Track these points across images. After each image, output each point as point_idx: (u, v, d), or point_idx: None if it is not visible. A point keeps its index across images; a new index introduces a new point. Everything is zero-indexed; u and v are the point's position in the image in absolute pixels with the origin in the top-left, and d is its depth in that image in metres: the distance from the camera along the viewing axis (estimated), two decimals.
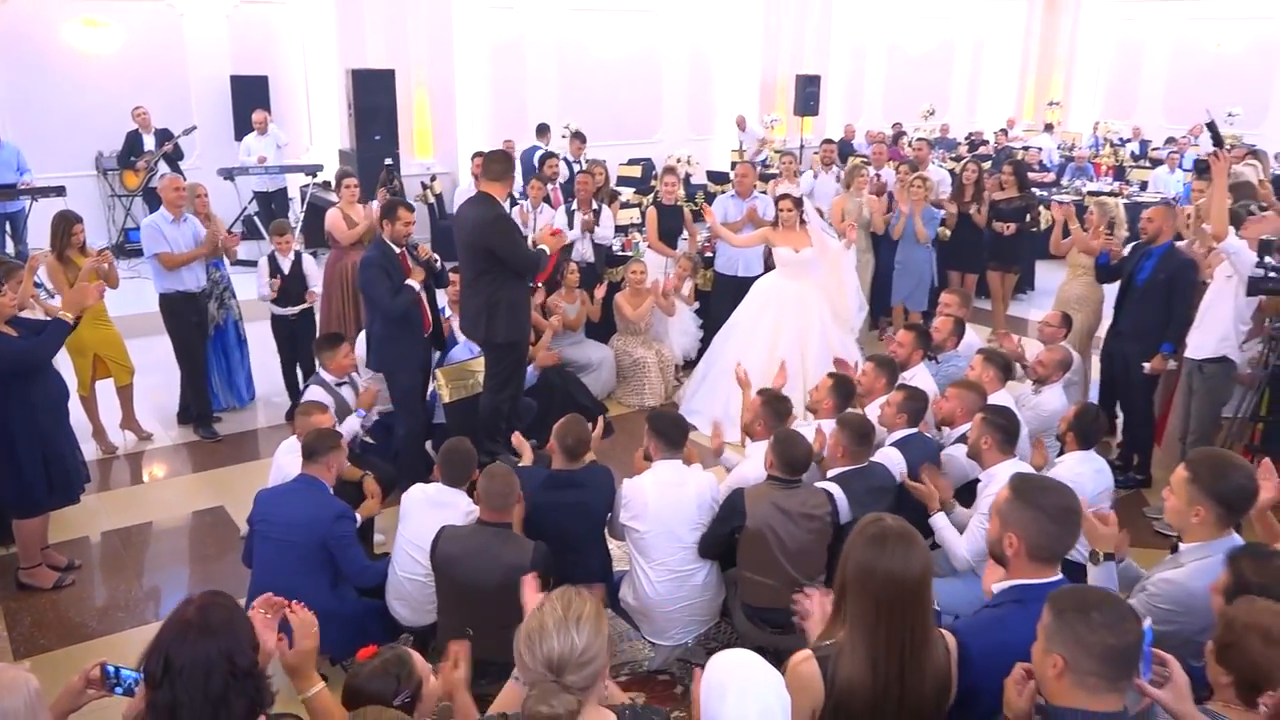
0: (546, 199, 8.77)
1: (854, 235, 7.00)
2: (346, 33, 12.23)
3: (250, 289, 7.35)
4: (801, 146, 15.26)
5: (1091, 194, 12.07)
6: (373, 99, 11.27)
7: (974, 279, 8.83)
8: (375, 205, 8.08)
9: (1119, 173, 13.88)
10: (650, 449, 4.36)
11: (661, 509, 4.16)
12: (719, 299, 8.05)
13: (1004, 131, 16.06)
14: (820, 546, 4.07)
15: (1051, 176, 13.39)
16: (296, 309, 7.12)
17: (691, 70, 15.59)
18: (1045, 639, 2.01)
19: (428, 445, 5.87)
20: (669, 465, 4.28)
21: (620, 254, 8.34)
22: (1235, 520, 2.76)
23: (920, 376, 5.45)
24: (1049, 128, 16.65)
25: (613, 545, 4.50)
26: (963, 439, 4.70)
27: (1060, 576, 2.39)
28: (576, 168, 11.35)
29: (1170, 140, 14.93)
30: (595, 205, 8.05)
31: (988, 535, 2.48)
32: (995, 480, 4.07)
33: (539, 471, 4.43)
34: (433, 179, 12.31)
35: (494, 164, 5.44)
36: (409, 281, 5.52)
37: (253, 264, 10.97)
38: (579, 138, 11.44)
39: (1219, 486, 2.70)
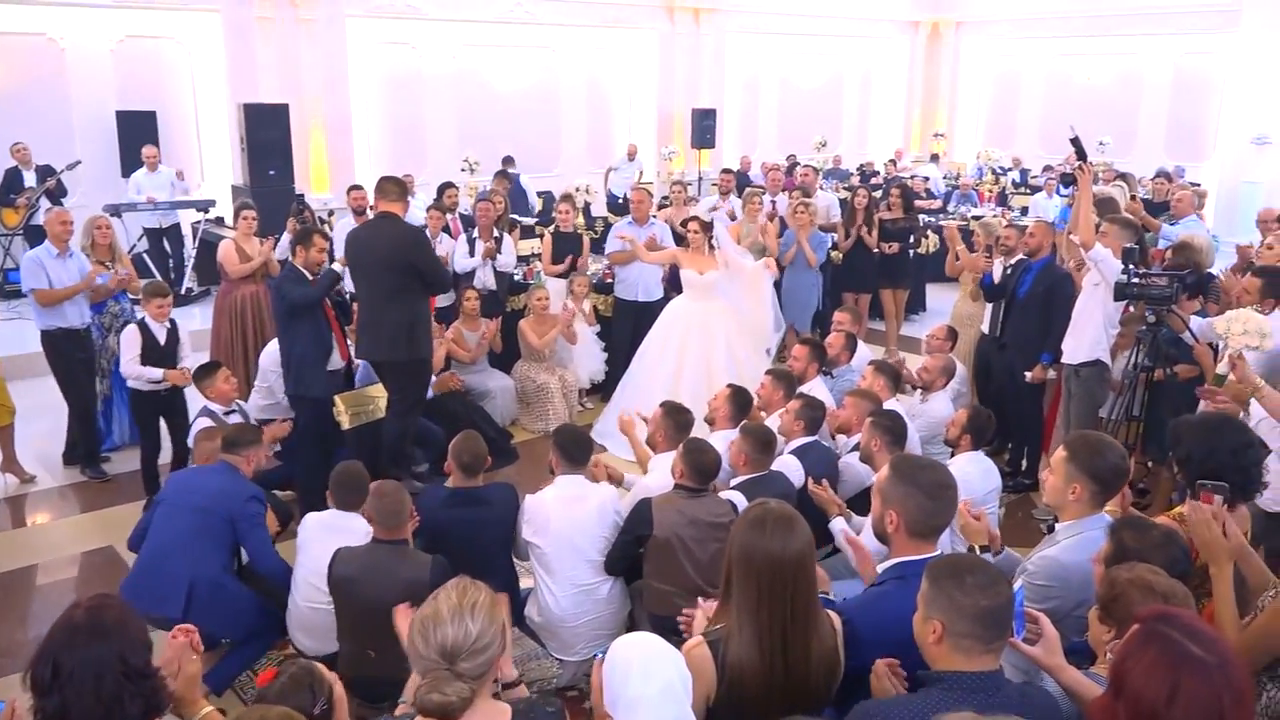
0: (446, 228, 8.76)
1: (774, 267, 7.21)
2: (237, 67, 12.09)
3: None
4: (700, 178, 15.56)
5: (976, 218, 12.59)
6: (266, 134, 11.12)
7: (868, 298, 9.13)
8: (286, 237, 7.97)
9: (1001, 199, 14.50)
10: (553, 463, 4.39)
11: (563, 524, 4.19)
12: (619, 323, 8.14)
13: (893, 162, 16.65)
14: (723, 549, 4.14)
15: (938, 203, 13.92)
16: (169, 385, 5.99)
17: (589, 104, 15.80)
18: (924, 606, 2.11)
19: None
20: (571, 480, 4.31)
21: (522, 282, 8.37)
22: (1107, 497, 2.92)
23: (817, 390, 5.60)
24: (935, 158, 17.34)
25: (518, 565, 4.50)
26: (858, 446, 4.86)
27: (938, 552, 2.50)
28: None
29: (1048, 168, 15.67)
30: (496, 233, 8.07)
31: (871, 516, 2.58)
32: None
33: (439, 489, 4.41)
34: (330, 214, 12.16)
35: (391, 185, 5.45)
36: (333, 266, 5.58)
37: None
38: (503, 174, 11.44)
39: (1094, 464, 2.85)
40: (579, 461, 4.34)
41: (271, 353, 6.13)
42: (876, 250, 8.85)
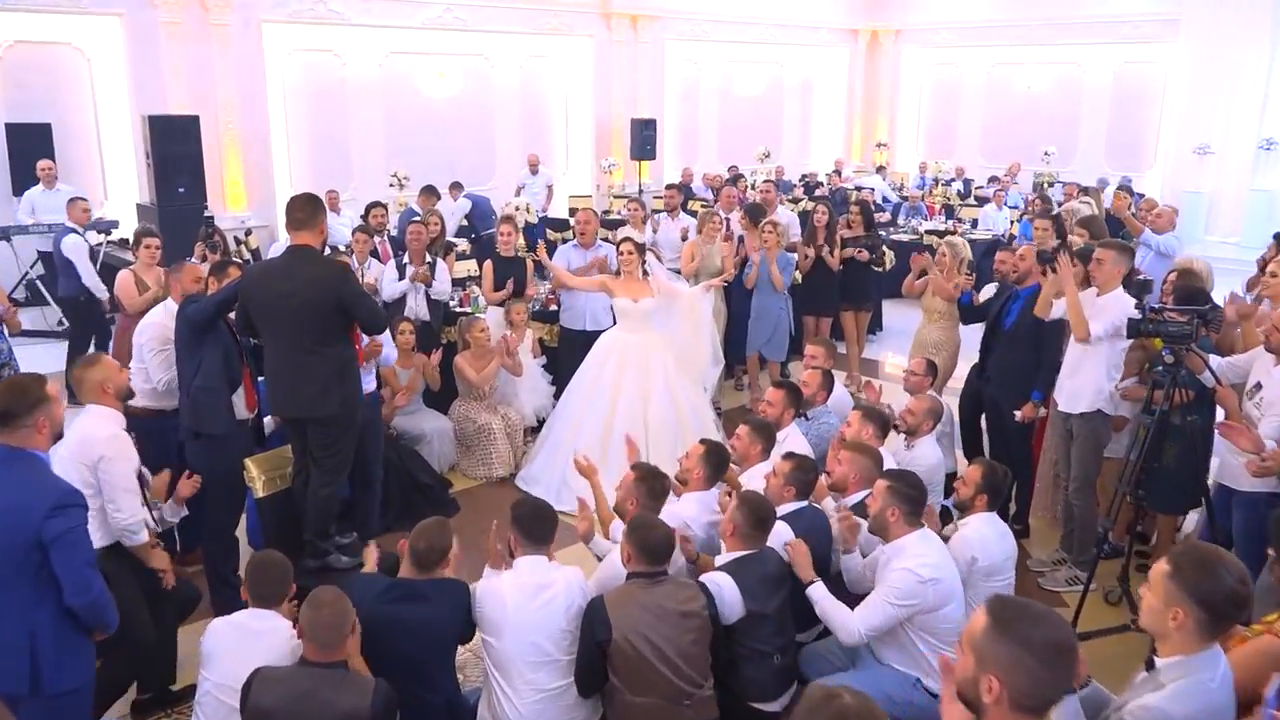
0: (374, 252, 8.02)
1: (718, 281, 6.58)
2: (142, 76, 11.18)
3: (38, 362, 6.28)
4: (641, 190, 14.98)
5: (930, 232, 12.21)
6: (174, 148, 10.25)
7: (829, 322, 8.62)
8: (195, 261, 7.17)
9: (948, 211, 14.17)
10: (512, 543, 3.74)
11: (523, 618, 3.53)
12: (566, 355, 7.49)
13: (837, 173, 16.27)
14: (703, 647, 3.54)
15: (887, 216, 13.50)
16: None
17: (525, 114, 15.11)
18: None
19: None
20: (532, 563, 3.66)
21: (459, 310, 7.67)
22: (1222, 630, 2.36)
23: (793, 437, 5.03)
24: (880, 169, 16.99)
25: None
26: (854, 508, 4.29)
27: None
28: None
29: (994, 179, 15.43)
30: (430, 258, 7.35)
31: (958, 671, 1.97)
32: (903, 554, 3.65)
33: (375, 579, 3.72)
34: (248, 233, 11.26)
35: (297, 210, 4.60)
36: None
37: (42, 334, 9.80)
38: (430, 191, 10.71)
39: (1205, 587, 2.29)
40: (543, 540, 3.70)
41: (151, 323, 5.23)
42: (839, 270, 8.33)
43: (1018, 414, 5.59)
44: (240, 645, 3.36)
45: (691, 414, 6.48)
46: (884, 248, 8.66)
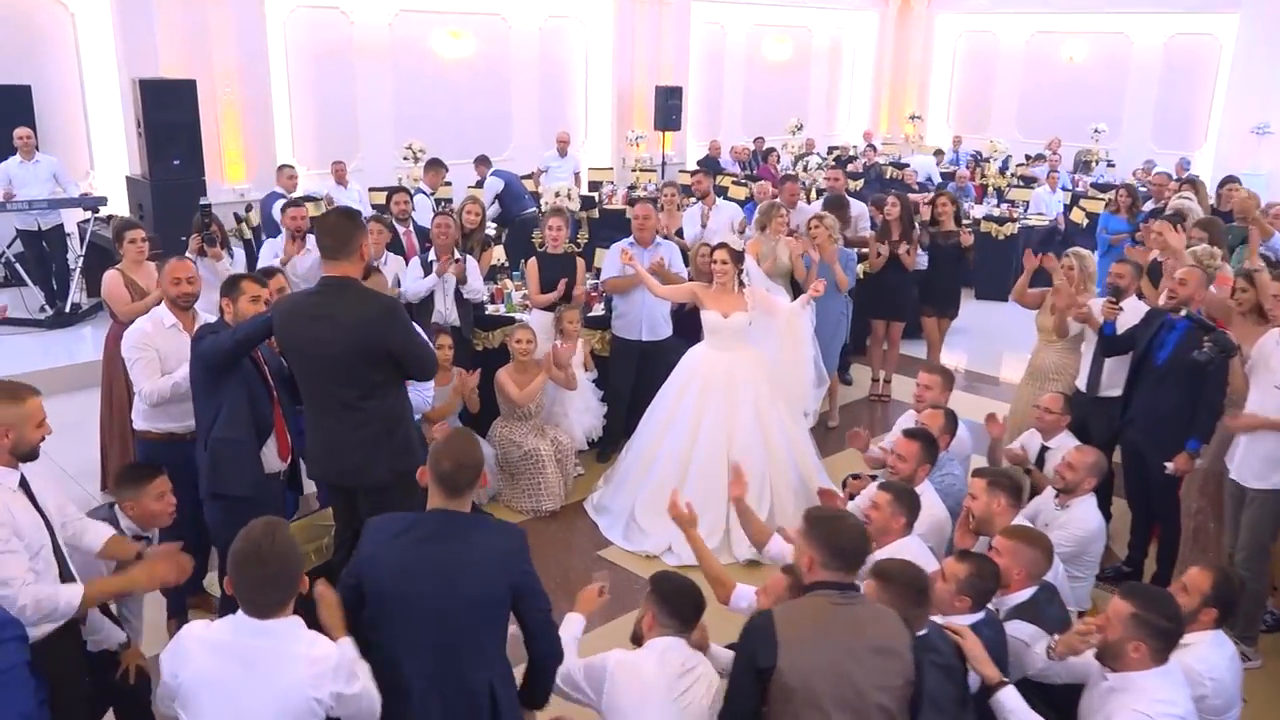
0: (394, 244, 7.10)
1: (820, 286, 5.70)
2: (132, 36, 10.13)
3: (19, 356, 5.41)
4: (664, 164, 14.03)
5: (987, 219, 11.32)
6: (168, 115, 9.26)
7: (900, 327, 7.78)
8: (190, 256, 6.29)
9: (998, 194, 13.24)
10: (646, 622, 3.06)
11: (665, 712, 2.87)
12: (618, 366, 6.64)
13: (872, 148, 15.29)
14: (902, 706, 2.66)
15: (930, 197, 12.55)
16: None
17: (543, 79, 14.08)
18: None
19: None
20: (675, 646, 2.98)
21: (496, 314, 6.79)
22: None
23: (927, 496, 4.21)
24: (939, 153, 15.80)
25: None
26: (1020, 610, 3.48)
27: None
28: (429, 201, 9.73)
29: (1039, 157, 14.50)
30: (458, 255, 6.44)
31: None
32: (1142, 694, 2.84)
33: (394, 516, 2.88)
34: (248, 209, 10.32)
35: (327, 236, 3.66)
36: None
37: (22, 323, 8.87)
38: (437, 165, 9.76)
39: None
40: (688, 623, 3.03)
41: (136, 329, 4.56)
42: (914, 270, 7.47)
43: (1169, 465, 4.76)
44: (237, 683, 2.46)
45: (785, 449, 5.64)
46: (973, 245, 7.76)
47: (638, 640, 3.10)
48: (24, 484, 3.02)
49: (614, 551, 5.57)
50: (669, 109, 14.26)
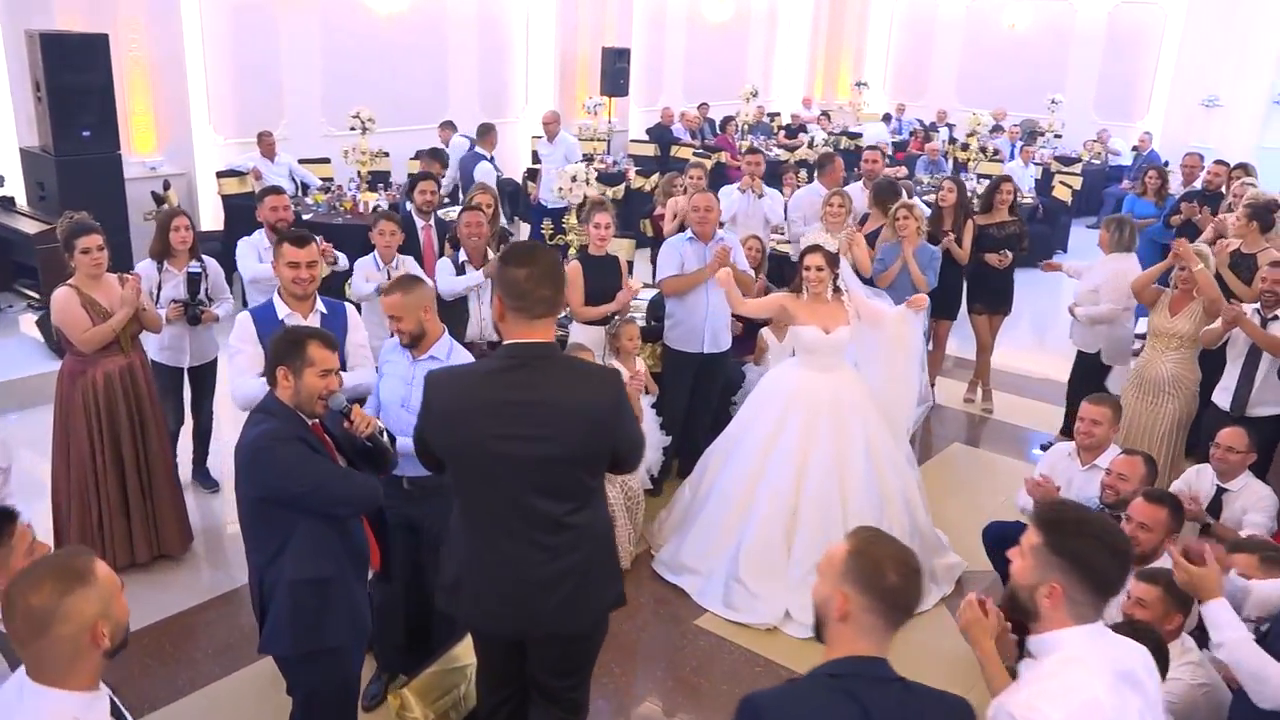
0: (410, 246, 5.93)
1: (924, 300, 4.90)
2: None
3: None
4: (610, 133, 12.98)
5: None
6: (75, 76, 7.78)
7: (948, 326, 7.08)
8: (149, 264, 5.08)
9: (962, 168, 12.70)
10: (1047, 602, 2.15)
11: None
12: (672, 384, 5.70)
13: (826, 115, 14.60)
14: None
15: (903, 171, 11.93)
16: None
17: (482, 40, 12.80)
18: None
19: None
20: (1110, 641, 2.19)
21: None
22: None
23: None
24: (887, 117, 15.26)
25: None
26: None
27: None
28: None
29: (998, 129, 14.08)
30: (490, 255, 5.40)
31: None
32: None
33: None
34: (166, 186, 8.87)
35: (551, 282, 2.60)
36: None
37: None
38: (448, 125, 8.41)
39: None
40: (1113, 587, 2.20)
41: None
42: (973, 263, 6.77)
43: None
44: None
45: (900, 492, 4.83)
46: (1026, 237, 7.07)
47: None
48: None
49: (712, 620, 4.65)
50: (616, 73, 13.17)
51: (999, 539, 4.59)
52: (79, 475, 4.58)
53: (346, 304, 4.32)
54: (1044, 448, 6.67)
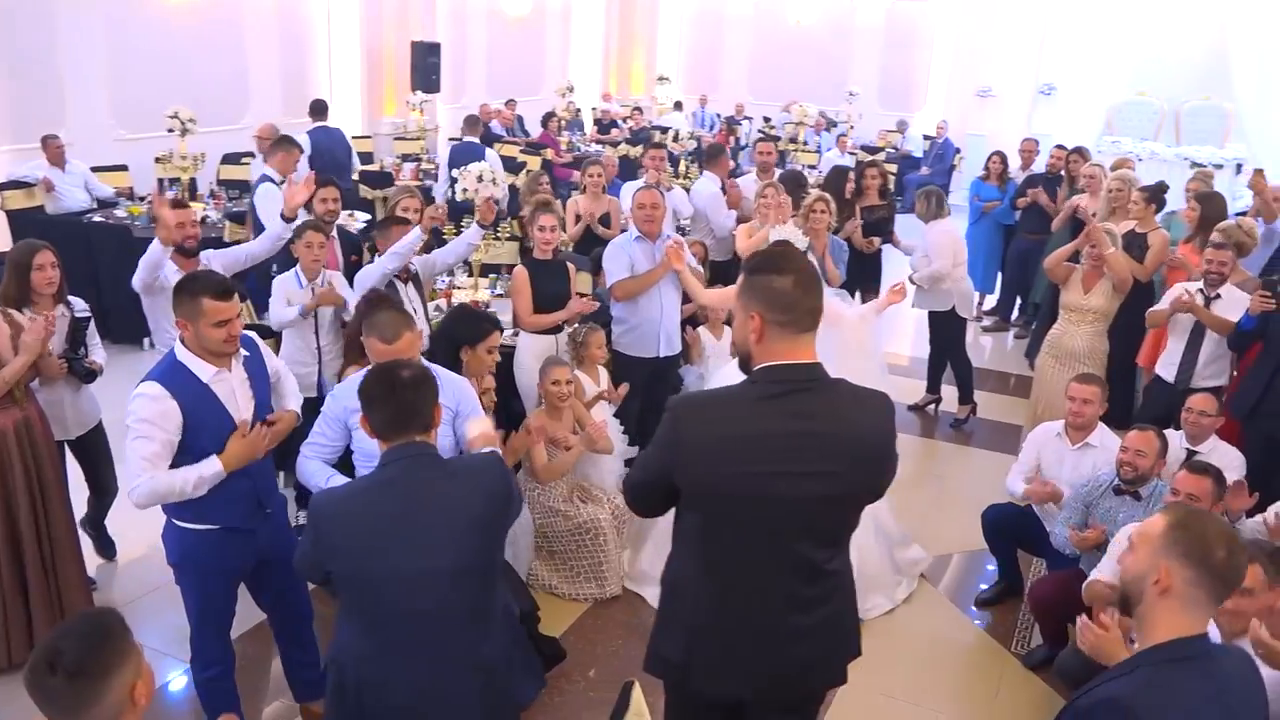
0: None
1: (902, 294, 4.86)
2: None
3: None
4: (423, 131, 12.32)
5: None
6: None
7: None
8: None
9: (781, 158, 13.05)
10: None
11: None
12: (627, 392, 5.38)
13: (638, 110, 14.56)
14: None
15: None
16: None
17: (282, 34, 11.77)
18: None
19: None
20: None
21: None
22: None
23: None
24: (679, 105, 15.44)
25: None
26: None
27: None
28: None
29: (822, 117, 14.55)
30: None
31: None
32: None
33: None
34: None
35: (811, 290, 2.23)
36: None
37: None
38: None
39: None
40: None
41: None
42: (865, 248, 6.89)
43: None
44: None
45: None
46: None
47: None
48: None
49: None
50: (428, 68, 12.58)
51: (997, 522, 4.67)
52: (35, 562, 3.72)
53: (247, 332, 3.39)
54: (954, 425, 6.93)
